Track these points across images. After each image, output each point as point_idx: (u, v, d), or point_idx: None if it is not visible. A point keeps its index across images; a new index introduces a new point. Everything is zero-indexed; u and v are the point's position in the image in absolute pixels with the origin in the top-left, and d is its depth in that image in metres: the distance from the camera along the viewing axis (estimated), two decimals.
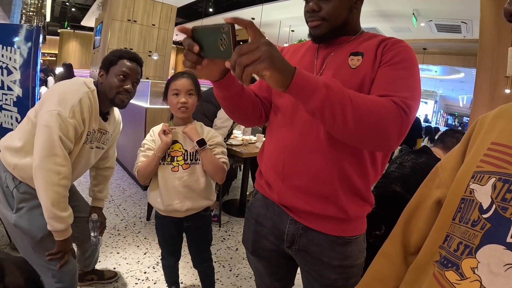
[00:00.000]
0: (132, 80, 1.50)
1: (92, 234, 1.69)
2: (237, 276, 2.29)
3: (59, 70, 10.01)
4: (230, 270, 2.36)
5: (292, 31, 8.62)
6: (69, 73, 7.51)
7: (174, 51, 14.86)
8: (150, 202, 1.60)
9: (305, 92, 0.68)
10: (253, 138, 3.62)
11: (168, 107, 1.57)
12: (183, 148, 1.53)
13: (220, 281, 2.21)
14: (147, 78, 6.83)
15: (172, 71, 14.96)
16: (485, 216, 0.53)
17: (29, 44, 2.55)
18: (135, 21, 6.95)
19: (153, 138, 1.55)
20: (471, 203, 0.57)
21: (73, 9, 10.77)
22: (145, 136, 1.59)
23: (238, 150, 3.05)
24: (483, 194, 0.55)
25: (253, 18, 7.89)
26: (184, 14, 8.94)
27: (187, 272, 2.25)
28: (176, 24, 8.53)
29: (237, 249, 2.69)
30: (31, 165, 1.32)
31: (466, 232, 0.56)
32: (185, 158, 1.52)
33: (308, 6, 0.91)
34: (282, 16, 7.60)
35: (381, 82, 0.83)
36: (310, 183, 0.91)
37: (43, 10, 6.16)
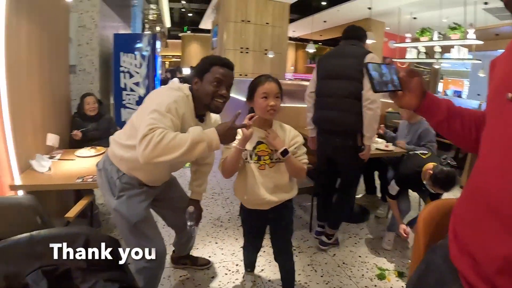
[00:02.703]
0: (226, 85, 1.55)
1: (188, 223, 1.83)
2: (327, 284, 2.19)
3: (185, 70, 11.27)
4: (322, 276, 2.27)
5: (414, 18, 7.77)
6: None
7: (293, 47, 14.92)
8: (238, 196, 1.72)
9: None
10: None
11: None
12: (269, 148, 1.59)
13: (309, 285, 2.16)
14: None
15: (292, 68, 14.96)
16: None
17: (148, 49, 2.90)
18: (248, 21, 7.13)
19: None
20: None
21: (190, 14, 11.89)
22: None
23: None
24: None
25: (369, 8, 7.40)
26: (298, 9, 8.91)
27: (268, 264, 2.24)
28: (291, 21, 8.54)
29: (334, 255, 2.55)
30: (134, 158, 1.41)
31: None
32: (271, 158, 1.60)
33: None
34: (400, 3, 6.93)
35: None
36: None
37: (162, 18, 6.91)
